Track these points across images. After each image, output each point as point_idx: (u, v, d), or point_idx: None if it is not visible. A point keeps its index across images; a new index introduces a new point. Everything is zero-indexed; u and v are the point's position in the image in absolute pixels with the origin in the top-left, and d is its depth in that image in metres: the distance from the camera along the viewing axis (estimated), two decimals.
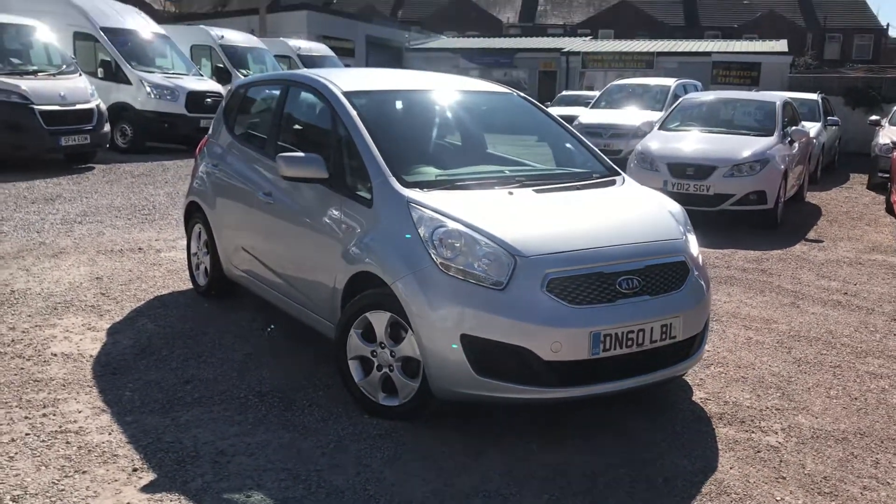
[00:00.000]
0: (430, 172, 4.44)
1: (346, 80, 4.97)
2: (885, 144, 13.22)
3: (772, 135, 10.08)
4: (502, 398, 3.74)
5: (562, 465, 3.66)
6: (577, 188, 4.49)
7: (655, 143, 10.22)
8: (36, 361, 4.78)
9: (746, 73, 23.79)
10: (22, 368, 4.66)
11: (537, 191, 4.33)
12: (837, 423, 4.23)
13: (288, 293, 4.94)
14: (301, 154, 4.50)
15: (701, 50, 28.81)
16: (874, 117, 15.16)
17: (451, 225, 3.86)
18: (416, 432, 3.94)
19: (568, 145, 5.15)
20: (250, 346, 5.16)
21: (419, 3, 59.91)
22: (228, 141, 5.87)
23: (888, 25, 70.11)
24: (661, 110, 14.41)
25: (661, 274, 4.00)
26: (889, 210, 11.44)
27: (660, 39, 36.06)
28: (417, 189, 4.14)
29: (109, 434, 3.86)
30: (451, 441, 3.86)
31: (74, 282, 6.47)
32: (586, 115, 15.10)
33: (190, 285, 6.48)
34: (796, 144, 10.45)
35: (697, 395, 4.52)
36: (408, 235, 3.90)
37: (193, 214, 6.28)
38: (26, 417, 4.01)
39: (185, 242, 7.89)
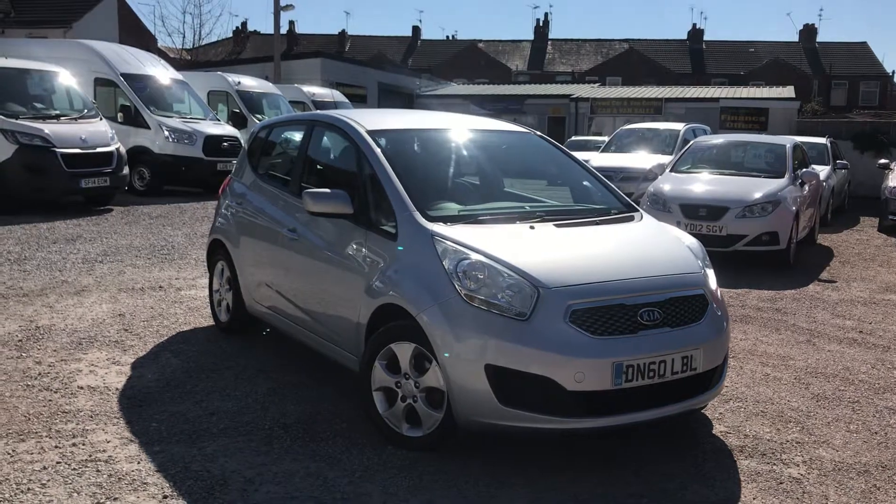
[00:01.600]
0: (452, 208, 4.55)
1: (369, 119, 5.12)
2: (894, 188, 13.32)
3: (783, 176, 10.19)
4: (526, 428, 3.79)
5: (584, 495, 3.70)
6: (597, 223, 4.60)
7: (668, 184, 10.35)
8: (63, 394, 4.86)
9: (754, 118, 24.02)
10: (50, 400, 4.74)
11: (558, 225, 4.44)
12: (859, 456, 4.25)
13: (311, 327, 5.02)
14: (327, 190, 4.62)
15: (708, 96, 29.15)
16: (883, 161, 15.29)
17: (475, 257, 3.96)
18: (441, 462, 3.98)
19: (586, 183, 5.26)
20: (272, 380, 5.22)
21: (429, 52, 60.87)
22: (252, 180, 6.01)
23: (893, 73, 70.84)
24: (670, 154, 14.57)
25: (681, 306, 4.07)
26: None
27: (667, 86, 36.51)
28: (441, 223, 4.25)
29: (138, 463, 3.93)
30: (475, 470, 3.91)
31: (97, 318, 6.57)
32: (597, 159, 15.25)
33: (211, 322, 6.57)
34: (807, 187, 10.56)
35: (717, 429, 4.55)
36: (431, 268, 4.00)
37: (216, 252, 6.40)
38: (56, 447, 4.08)
39: (204, 281, 8.05)
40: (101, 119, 13.62)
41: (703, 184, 10.23)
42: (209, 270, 6.64)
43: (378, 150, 4.69)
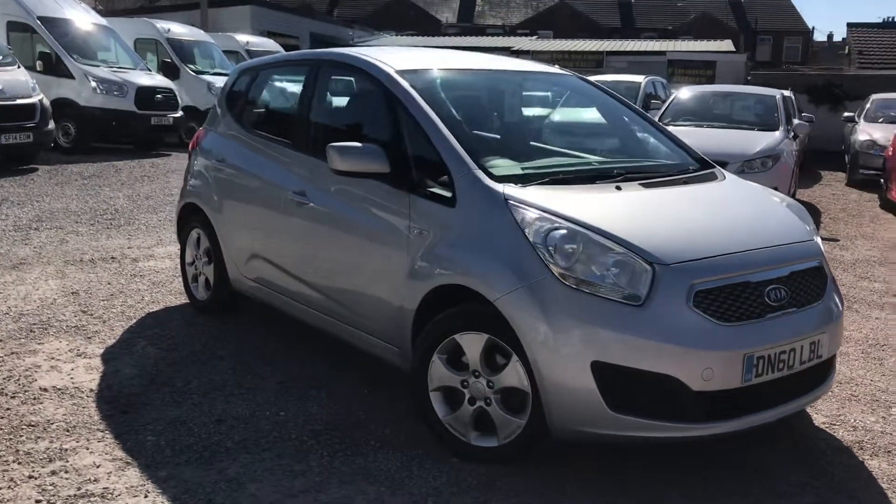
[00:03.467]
0: (510, 165, 3.74)
1: (393, 57, 4.23)
2: (865, 141, 13.05)
3: (777, 129, 9.68)
4: (641, 438, 3.07)
5: None
6: (684, 182, 3.85)
7: None
8: (24, 399, 3.91)
9: (702, 71, 23.69)
10: (8, 409, 3.79)
11: (644, 185, 3.68)
12: None
13: (329, 310, 4.17)
14: (358, 144, 3.74)
15: (652, 49, 28.70)
16: (848, 114, 15.06)
17: (568, 226, 3.18)
18: (524, 476, 3.24)
19: (647, 134, 4.52)
20: (280, 371, 4.36)
21: (355, 3, 58.84)
22: (237, 133, 5.06)
23: (813, 29, 72.17)
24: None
25: (804, 282, 3.39)
26: (884, 206, 11.19)
27: (600, 39, 35.94)
28: (511, 185, 3.44)
29: (145, 497, 3.05)
30: (571, 488, 3.17)
31: (46, 298, 5.55)
32: (559, 114, 14.51)
33: (184, 299, 5.63)
34: (797, 140, 10.09)
35: (818, 420, 3.93)
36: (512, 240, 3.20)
37: (189, 219, 5.44)
38: (31, 477, 3.17)
39: (164, 250, 7.05)
40: (18, 67, 12.16)
41: (696, 138, 9.58)
42: (180, 240, 5.67)
43: (416, 95, 3.83)
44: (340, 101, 4.57)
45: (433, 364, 3.41)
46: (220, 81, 16.15)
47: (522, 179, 3.52)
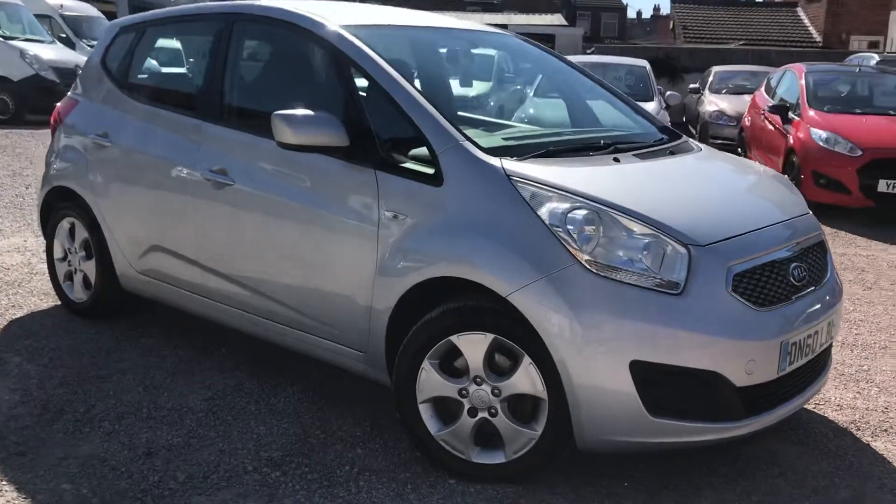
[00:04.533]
0: (491, 136, 3.26)
1: (331, 13, 3.60)
2: (714, 111, 13.51)
3: (652, 100, 9.72)
4: (682, 444, 2.71)
5: None
6: (670, 153, 3.51)
7: None
8: None
9: (544, 44, 23.99)
10: None
11: (639, 157, 3.30)
12: None
13: (266, 312, 3.52)
14: (309, 112, 3.12)
15: (493, 23, 28.79)
16: (693, 85, 15.59)
17: (590, 206, 2.74)
18: (532, 496, 2.81)
19: (605, 101, 4.15)
20: (201, 385, 3.68)
21: None
22: (122, 103, 4.23)
23: (626, 5, 75.83)
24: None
25: (814, 258, 3.16)
26: None
27: (428, 11, 35.72)
28: (507, 158, 2.96)
29: None
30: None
31: None
32: (514, 81, 14.04)
33: (52, 301, 4.73)
34: (669, 111, 10.21)
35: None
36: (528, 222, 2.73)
37: (58, 206, 4.56)
38: None
39: (7, 242, 5.99)
40: None
41: None
42: (45, 233, 4.75)
43: (376, 56, 3.25)
44: (267, 64, 3.88)
45: (423, 372, 2.90)
46: (34, 48, 14.63)
47: (509, 152, 3.05)
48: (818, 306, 3.00)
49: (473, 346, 2.81)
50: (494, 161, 2.91)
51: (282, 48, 3.78)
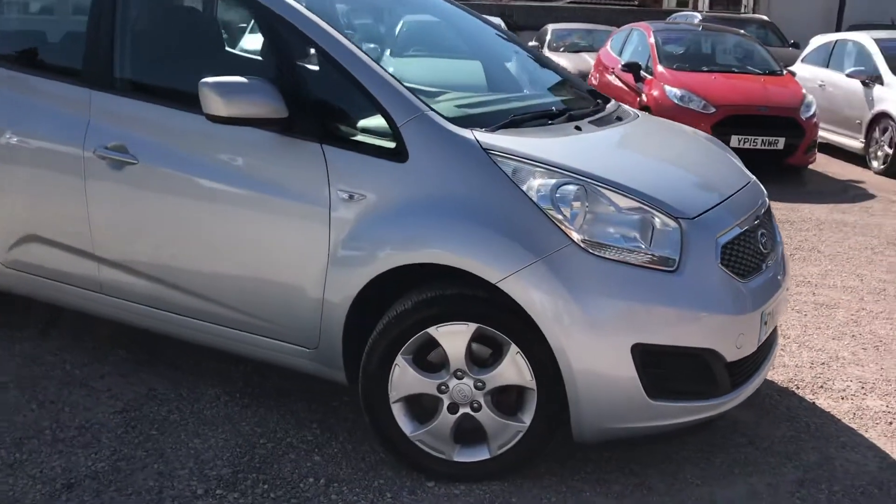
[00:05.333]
0: (447, 106, 2.97)
1: None
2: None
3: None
4: (677, 425, 2.61)
5: (726, 485, 2.69)
6: (618, 119, 3.35)
7: None
8: None
9: None
10: None
11: (595, 124, 3.13)
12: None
13: (184, 308, 3.08)
14: (242, 79, 2.71)
15: None
16: (533, 43, 15.71)
17: (575, 180, 2.55)
18: (519, 492, 2.63)
19: (528, 65, 3.95)
20: (109, 396, 3.20)
21: None
22: None
23: None
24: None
25: (769, 225, 3.14)
26: None
27: None
28: (478, 129, 2.70)
29: None
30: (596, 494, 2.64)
31: None
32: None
33: None
34: None
35: None
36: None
37: None
38: None
39: None
40: None
41: (427, 71, 9.21)
42: None
43: (314, 16, 2.86)
44: (171, 24, 3.34)
45: (397, 368, 2.62)
46: None
47: (471, 123, 2.78)
48: (780, 273, 2.99)
49: (453, 338, 2.57)
50: (466, 133, 2.65)
51: (188, 4, 3.28)
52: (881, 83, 9.17)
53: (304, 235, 2.75)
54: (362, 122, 2.74)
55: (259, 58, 3.02)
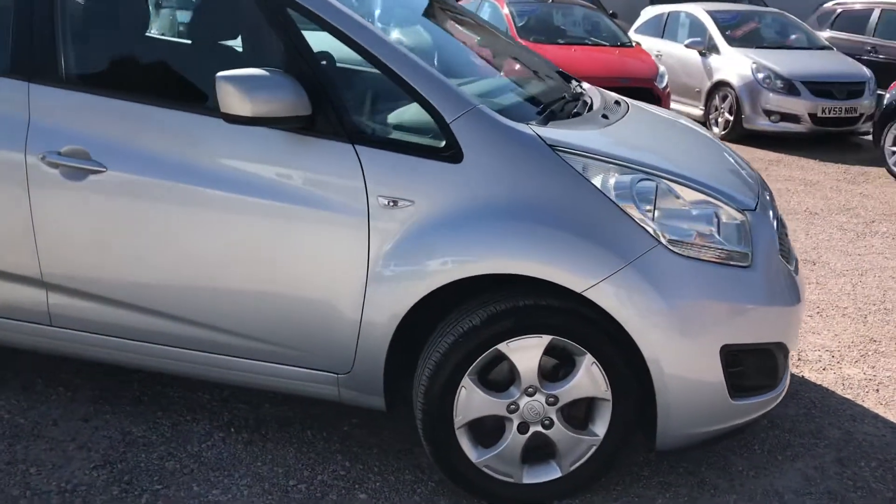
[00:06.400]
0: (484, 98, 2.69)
1: None
2: None
3: None
4: (747, 422, 2.55)
5: (741, 468, 2.71)
6: (619, 105, 3.20)
7: None
8: None
9: None
10: None
11: (615, 114, 2.98)
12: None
13: (175, 338, 2.63)
14: (263, 72, 2.31)
15: None
16: None
17: (650, 175, 2.40)
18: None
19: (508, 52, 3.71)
20: (78, 447, 2.70)
21: None
22: None
23: None
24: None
25: (776, 209, 3.15)
26: None
27: None
28: (533, 124, 2.48)
29: None
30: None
31: None
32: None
33: None
34: None
35: None
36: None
37: None
38: None
39: None
40: None
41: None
42: None
43: (338, 3, 2.49)
44: (135, 11, 2.79)
45: (463, 391, 2.37)
46: None
47: (514, 115, 2.53)
48: (793, 256, 3.01)
49: (526, 353, 2.36)
50: (523, 128, 2.41)
51: None
52: (717, 52, 9.73)
53: (335, 249, 2.41)
54: (402, 119, 2.44)
55: (248, 46, 2.60)
